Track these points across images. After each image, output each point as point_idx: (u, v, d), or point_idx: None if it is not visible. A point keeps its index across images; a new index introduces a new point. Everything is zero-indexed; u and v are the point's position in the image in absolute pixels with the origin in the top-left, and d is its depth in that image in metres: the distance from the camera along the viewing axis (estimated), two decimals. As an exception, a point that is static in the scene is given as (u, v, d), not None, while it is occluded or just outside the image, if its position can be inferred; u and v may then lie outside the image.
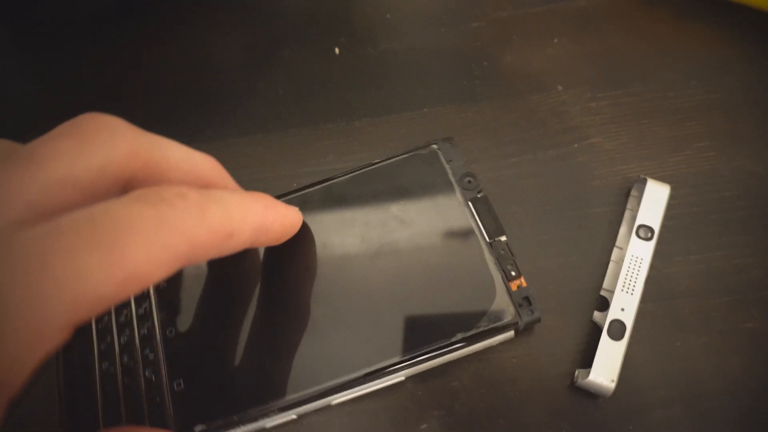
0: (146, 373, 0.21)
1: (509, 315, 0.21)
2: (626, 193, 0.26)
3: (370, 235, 0.23)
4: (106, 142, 0.15)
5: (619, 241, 0.25)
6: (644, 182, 0.25)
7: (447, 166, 0.24)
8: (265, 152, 0.28)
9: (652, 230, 0.24)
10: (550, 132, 0.28)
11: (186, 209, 0.15)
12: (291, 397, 0.20)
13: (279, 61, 0.31)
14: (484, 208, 0.23)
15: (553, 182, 0.27)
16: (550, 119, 0.28)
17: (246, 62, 0.31)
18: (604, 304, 0.24)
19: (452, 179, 0.24)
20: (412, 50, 0.31)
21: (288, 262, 0.23)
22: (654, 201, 0.24)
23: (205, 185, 0.18)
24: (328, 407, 0.21)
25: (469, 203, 0.23)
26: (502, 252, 0.22)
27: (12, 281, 0.12)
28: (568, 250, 0.25)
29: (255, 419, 0.20)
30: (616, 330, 0.22)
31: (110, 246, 0.13)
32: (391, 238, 0.23)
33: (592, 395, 0.22)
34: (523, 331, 0.22)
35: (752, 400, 0.22)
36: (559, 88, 0.29)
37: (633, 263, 0.23)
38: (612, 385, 0.21)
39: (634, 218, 0.24)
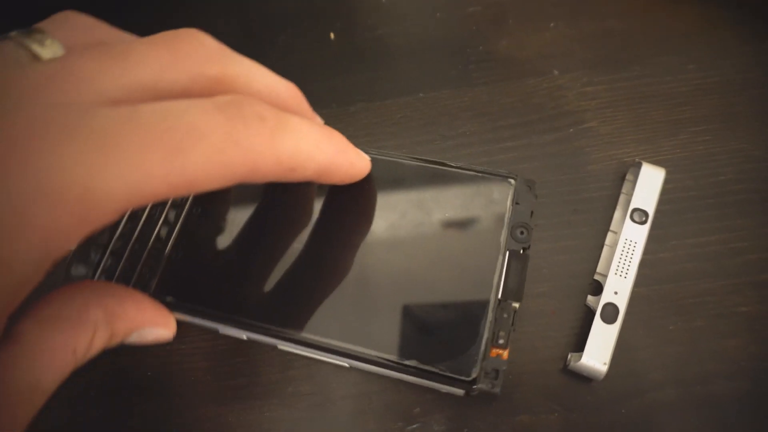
0: (161, 231, 0.23)
1: (468, 375, 0.20)
2: (622, 177, 0.26)
3: (398, 225, 0.23)
4: (198, 62, 0.16)
5: (613, 226, 0.25)
6: (639, 166, 0.25)
7: (510, 206, 0.22)
8: (260, 138, 0.28)
9: (646, 214, 0.24)
10: (546, 116, 0.28)
11: (259, 132, 0.15)
12: (245, 318, 0.21)
13: (274, 46, 0.31)
14: (518, 265, 0.21)
15: (548, 166, 0.26)
16: (546, 103, 0.28)
17: (241, 48, 0.31)
18: (597, 289, 0.24)
19: (506, 221, 0.22)
20: (407, 35, 0.31)
21: (329, 204, 0.23)
22: (649, 185, 0.24)
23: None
24: (275, 349, 0.22)
25: (507, 253, 0.22)
26: (505, 317, 0.21)
27: (80, 152, 0.13)
28: (563, 235, 0.25)
29: (212, 320, 0.22)
30: (609, 313, 0.22)
31: (177, 149, 0.13)
32: (414, 236, 0.22)
33: (584, 378, 0.22)
34: (474, 398, 0.21)
35: (747, 383, 0.22)
36: (555, 72, 0.29)
37: (627, 247, 0.23)
38: (604, 368, 0.21)
39: (628, 203, 0.24)
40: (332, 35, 0.31)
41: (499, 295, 0.21)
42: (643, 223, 0.24)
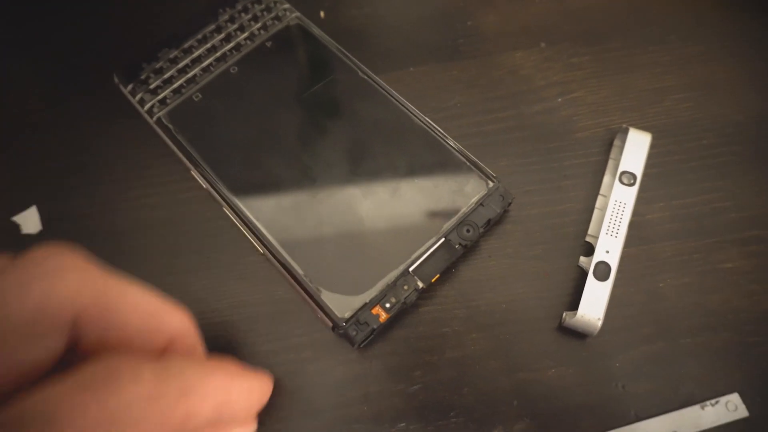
0: (196, 74, 0.27)
1: (342, 314, 0.22)
2: (609, 144, 0.27)
3: (373, 164, 0.25)
4: (49, 277, 0.14)
5: (603, 190, 0.25)
6: (626, 131, 0.25)
7: (473, 203, 0.24)
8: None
9: (634, 176, 0.25)
10: (534, 87, 0.28)
11: (138, 395, 0.13)
12: (214, 175, 0.25)
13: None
14: (443, 255, 0.23)
15: (538, 135, 0.27)
16: (534, 75, 0.29)
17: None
18: (589, 250, 0.24)
19: (460, 214, 0.23)
20: (396, 11, 0.31)
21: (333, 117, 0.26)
22: (636, 148, 0.25)
23: (166, 339, 0.17)
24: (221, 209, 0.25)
25: (442, 239, 0.23)
26: (405, 288, 0.22)
27: None
28: (554, 199, 0.26)
29: (191, 161, 0.25)
30: (602, 271, 0.23)
31: None
32: (378, 179, 0.24)
33: (579, 335, 0.23)
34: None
35: (730, 332, 0.23)
36: (542, 45, 0.29)
37: (617, 207, 0.24)
38: (598, 323, 0.22)
39: (617, 167, 0.25)
40: (322, 14, 0.31)
41: (411, 269, 0.22)
42: (631, 185, 0.24)
